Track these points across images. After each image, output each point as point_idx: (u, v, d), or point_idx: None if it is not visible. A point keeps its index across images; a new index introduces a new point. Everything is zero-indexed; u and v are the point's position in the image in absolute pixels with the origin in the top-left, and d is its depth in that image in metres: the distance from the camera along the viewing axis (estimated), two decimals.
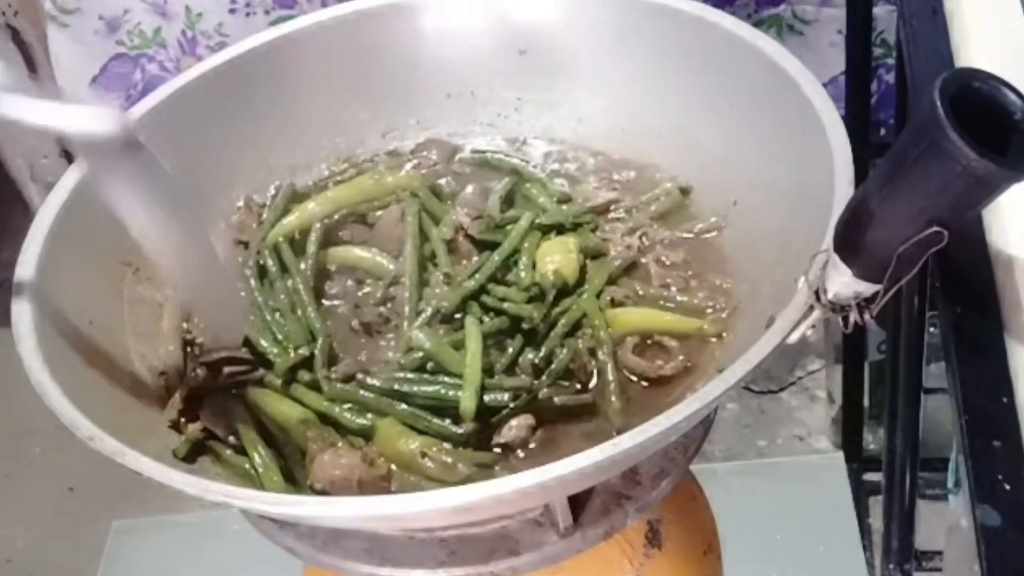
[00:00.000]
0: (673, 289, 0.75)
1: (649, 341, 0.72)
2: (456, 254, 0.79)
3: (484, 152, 0.86)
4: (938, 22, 0.81)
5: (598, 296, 0.75)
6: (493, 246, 0.78)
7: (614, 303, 0.74)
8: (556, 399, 0.69)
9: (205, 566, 1.56)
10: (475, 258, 0.79)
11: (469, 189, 0.83)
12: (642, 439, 0.55)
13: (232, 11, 1.56)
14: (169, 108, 0.80)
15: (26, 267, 0.69)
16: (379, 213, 0.82)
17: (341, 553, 0.68)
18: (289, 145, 0.85)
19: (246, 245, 0.81)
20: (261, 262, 0.79)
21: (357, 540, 0.68)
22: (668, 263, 0.77)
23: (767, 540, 1.45)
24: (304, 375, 0.72)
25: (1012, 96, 0.49)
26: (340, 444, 0.68)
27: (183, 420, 0.70)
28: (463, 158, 0.86)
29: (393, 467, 0.67)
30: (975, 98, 0.48)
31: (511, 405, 0.68)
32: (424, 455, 0.67)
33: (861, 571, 1.43)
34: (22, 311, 0.66)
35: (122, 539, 1.62)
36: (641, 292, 0.75)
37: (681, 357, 0.70)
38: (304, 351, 0.73)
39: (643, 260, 0.77)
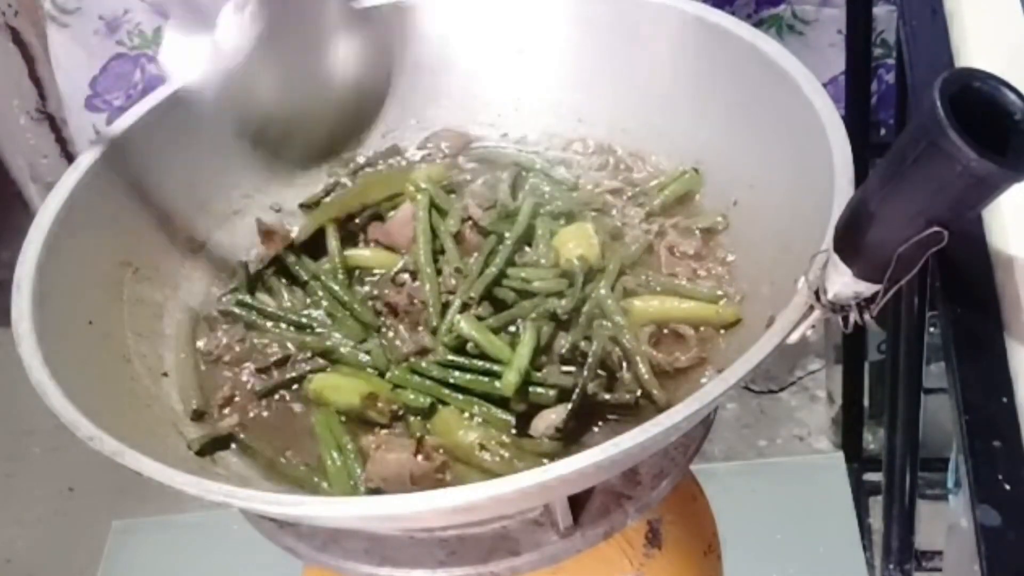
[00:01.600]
0: (683, 279, 0.75)
1: (665, 331, 0.73)
2: (464, 246, 0.79)
3: (488, 147, 0.86)
4: (938, 22, 0.81)
5: (613, 284, 0.75)
6: (503, 237, 0.78)
7: (627, 292, 0.75)
8: (601, 396, 0.69)
9: (205, 566, 1.56)
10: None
11: (479, 181, 0.84)
12: (642, 439, 0.55)
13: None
14: (169, 108, 0.80)
15: (26, 267, 0.69)
16: (391, 213, 0.82)
17: (341, 553, 0.68)
18: None
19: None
20: (294, 266, 0.80)
21: (357, 540, 0.68)
22: (680, 252, 0.77)
23: (767, 540, 1.45)
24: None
25: (1012, 96, 0.49)
26: (396, 431, 0.69)
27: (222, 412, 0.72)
28: (468, 154, 0.86)
29: (447, 459, 0.68)
30: (975, 98, 0.48)
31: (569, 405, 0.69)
32: (482, 447, 0.67)
33: (861, 571, 1.43)
34: (22, 311, 0.66)
35: (122, 539, 1.62)
36: (652, 281, 0.75)
37: (695, 349, 0.70)
38: (367, 344, 0.75)
39: (656, 247, 0.77)
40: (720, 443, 1.65)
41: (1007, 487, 0.55)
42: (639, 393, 0.69)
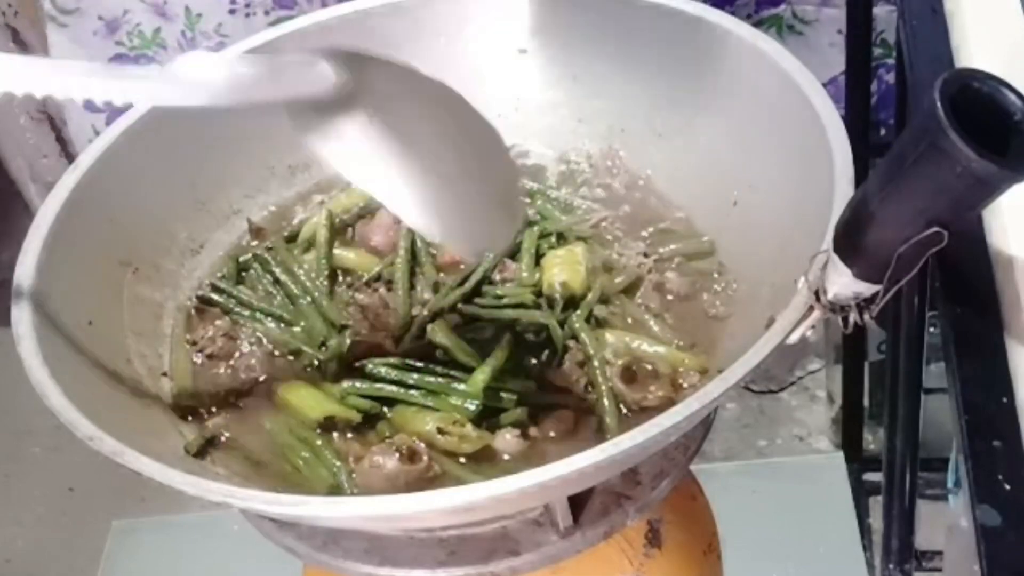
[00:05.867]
0: (646, 317, 0.74)
1: (641, 366, 0.71)
2: (448, 257, 0.79)
3: None
4: (938, 22, 0.81)
5: (590, 313, 0.74)
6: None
7: (599, 323, 0.74)
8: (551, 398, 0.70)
9: (205, 566, 1.56)
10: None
11: None
12: (642, 439, 0.55)
13: (232, 11, 1.57)
14: (168, 108, 0.80)
15: (26, 267, 0.69)
16: (380, 212, 0.82)
17: (341, 553, 0.68)
18: (289, 145, 0.85)
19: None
20: (269, 261, 0.80)
21: (357, 540, 0.68)
22: (668, 291, 0.75)
23: (767, 540, 1.45)
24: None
25: (1012, 96, 0.49)
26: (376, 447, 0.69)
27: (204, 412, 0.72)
28: None
29: (431, 456, 0.68)
30: (975, 98, 0.48)
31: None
32: (440, 432, 0.68)
33: (861, 571, 1.43)
34: (22, 311, 0.66)
35: (122, 539, 1.62)
36: (621, 313, 0.74)
37: (662, 392, 0.69)
38: (333, 342, 0.74)
39: (644, 279, 0.76)
40: (720, 443, 1.65)
41: (1007, 487, 0.55)
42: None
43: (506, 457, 0.68)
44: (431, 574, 0.67)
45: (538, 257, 0.78)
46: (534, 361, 0.72)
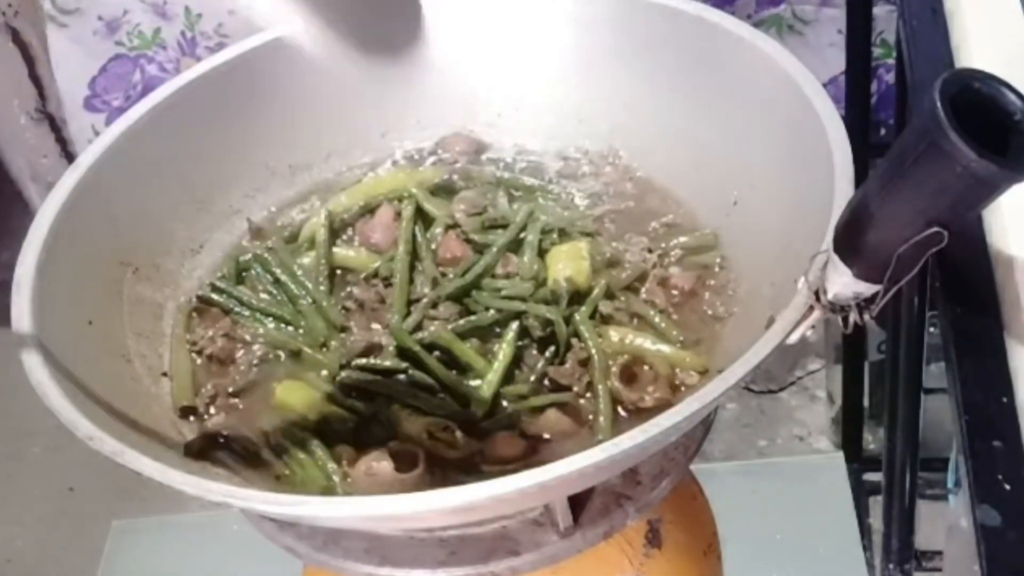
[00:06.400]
0: (652, 313, 0.73)
1: (642, 366, 0.71)
2: (449, 255, 0.79)
3: (495, 159, 0.86)
4: (938, 22, 0.81)
5: (595, 309, 0.74)
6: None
7: (603, 319, 0.74)
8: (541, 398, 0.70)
9: (205, 566, 1.56)
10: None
11: (472, 188, 0.83)
12: (642, 439, 0.55)
13: (232, 11, 1.57)
14: (169, 108, 0.80)
15: (26, 267, 0.69)
16: (380, 210, 0.82)
17: (341, 553, 0.68)
18: (289, 145, 0.85)
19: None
20: (269, 262, 0.80)
21: (357, 540, 0.68)
22: (672, 286, 0.75)
23: (767, 540, 1.45)
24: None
25: (1012, 96, 0.49)
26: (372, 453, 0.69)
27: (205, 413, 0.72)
28: (477, 162, 0.86)
29: (424, 464, 0.67)
30: (975, 98, 0.48)
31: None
32: (430, 435, 0.68)
33: (861, 571, 1.43)
34: (22, 311, 0.66)
35: (122, 539, 1.62)
36: (626, 309, 0.74)
37: (659, 394, 0.69)
38: (335, 343, 0.75)
39: (649, 275, 0.76)
40: (720, 443, 1.65)
41: (1007, 487, 0.55)
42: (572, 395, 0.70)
43: (504, 460, 0.68)
44: (431, 574, 0.67)
45: (541, 253, 0.78)
46: (535, 353, 0.72)
